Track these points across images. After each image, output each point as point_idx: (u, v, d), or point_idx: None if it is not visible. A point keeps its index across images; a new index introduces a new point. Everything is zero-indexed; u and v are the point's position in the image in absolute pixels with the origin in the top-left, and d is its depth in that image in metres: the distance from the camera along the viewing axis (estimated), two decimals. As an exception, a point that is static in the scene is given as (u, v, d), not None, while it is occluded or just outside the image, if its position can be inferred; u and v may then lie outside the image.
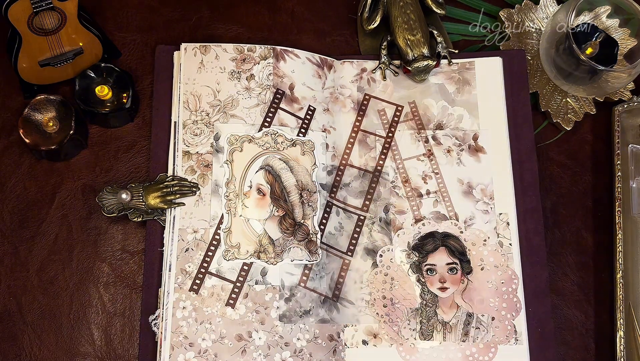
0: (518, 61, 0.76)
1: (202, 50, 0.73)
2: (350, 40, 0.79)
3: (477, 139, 0.73)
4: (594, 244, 0.74)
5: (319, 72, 0.74)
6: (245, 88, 0.72)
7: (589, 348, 0.71)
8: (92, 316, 0.69)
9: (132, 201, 0.68)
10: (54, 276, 0.70)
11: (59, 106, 0.72)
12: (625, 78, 0.74)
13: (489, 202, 0.71)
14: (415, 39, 0.74)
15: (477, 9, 0.80)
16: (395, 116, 0.74)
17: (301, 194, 0.70)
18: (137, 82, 0.76)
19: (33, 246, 0.71)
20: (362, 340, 0.67)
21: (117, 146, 0.74)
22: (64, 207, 0.72)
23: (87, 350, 0.68)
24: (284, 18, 0.79)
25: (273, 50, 0.74)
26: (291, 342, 0.66)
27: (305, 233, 0.69)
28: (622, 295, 0.70)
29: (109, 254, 0.71)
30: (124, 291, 0.70)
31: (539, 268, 0.70)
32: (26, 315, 0.69)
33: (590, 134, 0.77)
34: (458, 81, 0.75)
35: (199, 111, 0.71)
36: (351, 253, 0.70)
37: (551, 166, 0.76)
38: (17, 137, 0.72)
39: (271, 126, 0.71)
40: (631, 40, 0.77)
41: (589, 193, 0.75)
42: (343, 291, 0.69)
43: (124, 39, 0.77)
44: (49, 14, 0.68)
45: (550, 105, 0.77)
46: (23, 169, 0.73)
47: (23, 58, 0.70)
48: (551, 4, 0.80)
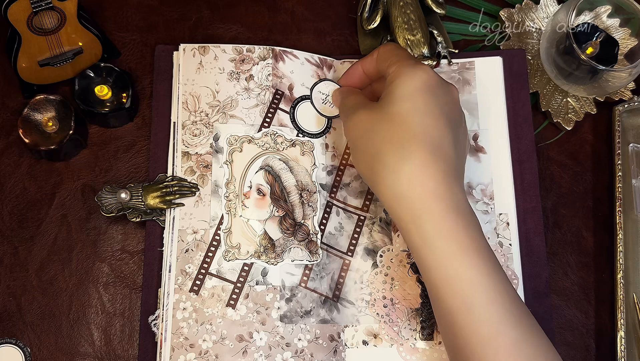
0: (518, 61, 0.76)
1: (200, 51, 0.73)
2: (351, 40, 0.79)
3: (477, 139, 0.73)
4: (595, 244, 0.74)
5: (318, 72, 0.74)
6: (244, 89, 0.72)
7: (589, 348, 0.71)
8: (92, 317, 0.69)
9: (131, 201, 0.68)
10: (53, 276, 0.70)
11: (59, 106, 0.71)
12: (626, 78, 0.74)
13: (488, 202, 0.71)
14: (415, 39, 0.74)
15: (477, 8, 0.80)
16: (395, 115, 0.74)
17: (301, 195, 0.70)
18: (136, 82, 0.76)
19: (32, 246, 0.71)
20: (362, 340, 0.67)
21: (117, 146, 0.74)
22: (64, 207, 0.72)
23: (86, 350, 0.68)
24: (284, 18, 0.79)
25: (272, 51, 0.73)
26: (292, 342, 0.66)
27: (306, 233, 0.69)
28: (622, 295, 0.70)
29: (108, 255, 0.71)
30: (124, 291, 0.70)
31: (539, 268, 0.70)
32: (25, 315, 0.69)
33: (591, 134, 0.77)
34: (458, 80, 0.75)
35: (198, 112, 0.71)
36: (351, 253, 0.70)
37: (551, 166, 0.76)
38: (17, 137, 0.72)
39: (270, 126, 0.71)
40: (632, 40, 0.77)
41: (590, 192, 0.75)
42: (343, 292, 0.69)
43: (124, 38, 0.77)
44: (48, 14, 0.68)
45: (551, 105, 0.76)
46: (22, 169, 0.73)
47: (22, 58, 0.70)
48: (551, 4, 0.80)
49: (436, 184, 0.56)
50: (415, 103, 0.59)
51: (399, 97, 0.59)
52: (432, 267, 0.56)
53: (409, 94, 0.59)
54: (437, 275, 0.56)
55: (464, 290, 0.55)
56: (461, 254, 0.55)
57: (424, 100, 0.59)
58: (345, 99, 0.67)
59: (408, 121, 0.58)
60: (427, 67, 0.61)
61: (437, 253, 0.56)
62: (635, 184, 0.73)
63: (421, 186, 0.56)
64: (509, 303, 0.55)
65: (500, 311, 0.54)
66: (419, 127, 0.58)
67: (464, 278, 0.55)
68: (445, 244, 0.55)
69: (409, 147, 0.57)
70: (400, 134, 0.58)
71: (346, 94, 0.67)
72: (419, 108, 0.59)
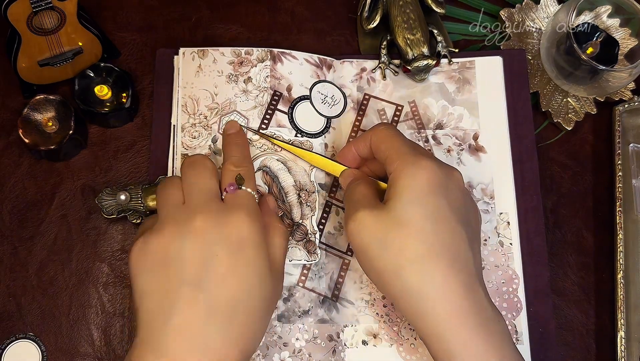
0: (519, 60, 0.76)
1: (200, 54, 0.73)
2: (351, 40, 0.79)
3: (477, 139, 0.73)
4: (595, 244, 0.74)
5: (317, 72, 0.74)
6: (242, 91, 0.72)
7: (589, 348, 0.70)
8: (92, 317, 0.69)
9: (131, 203, 0.68)
10: (53, 277, 0.70)
11: (59, 106, 0.72)
12: (626, 78, 0.74)
13: (489, 201, 0.71)
14: (415, 38, 0.74)
15: (477, 8, 0.80)
16: (395, 115, 0.74)
17: (299, 195, 0.70)
18: (136, 82, 0.76)
19: (32, 247, 0.71)
20: (361, 340, 0.67)
21: (117, 145, 0.74)
22: (64, 207, 0.72)
23: (86, 350, 0.68)
24: (284, 18, 0.79)
25: (270, 53, 0.73)
26: (290, 342, 0.66)
27: (304, 233, 0.69)
28: (622, 295, 0.70)
29: (108, 255, 0.71)
30: (124, 291, 0.70)
31: (540, 268, 0.70)
32: (25, 315, 0.69)
33: (591, 134, 0.77)
34: (458, 80, 0.75)
35: (197, 114, 0.71)
36: (351, 253, 0.70)
37: (552, 166, 0.76)
38: (17, 137, 0.72)
39: (269, 127, 0.71)
40: (632, 40, 0.77)
41: (590, 192, 0.75)
42: (342, 291, 0.69)
43: (124, 38, 0.77)
44: (48, 14, 0.68)
45: (551, 105, 0.76)
46: (22, 169, 0.73)
47: (22, 58, 0.70)
48: (552, 4, 0.79)
49: (460, 299, 0.55)
50: (424, 208, 0.56)
51: (408, 203, 0.57)
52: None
53: (416, 198, 0.57)
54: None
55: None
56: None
57: (433, 203, 0.57)
58: (352, 191, 0.63)
59: (421, 230, 0.56)
60: (428, 162, 0.58)
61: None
62: (636, 184, 0.73)
63: (445, 304, 0.55)
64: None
65: None
66: (434, 236, 0.56)
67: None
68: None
69: (428, 263, 0.55)
70: (416, 247, 0.56)
71: (353, 184, 0.64)
72: (430, 214, 0.56)
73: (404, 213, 0.56)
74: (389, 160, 0.60)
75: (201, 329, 0.54)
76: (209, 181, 0.61)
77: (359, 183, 0.64)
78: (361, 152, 0.66)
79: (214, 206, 0.59)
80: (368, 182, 0.64)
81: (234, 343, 0.55)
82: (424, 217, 0.56)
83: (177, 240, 0.56)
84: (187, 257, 0.56)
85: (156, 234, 0.57)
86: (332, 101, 0.74)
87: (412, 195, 0.57)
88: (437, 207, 0.57)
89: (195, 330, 0.54)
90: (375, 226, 0.57)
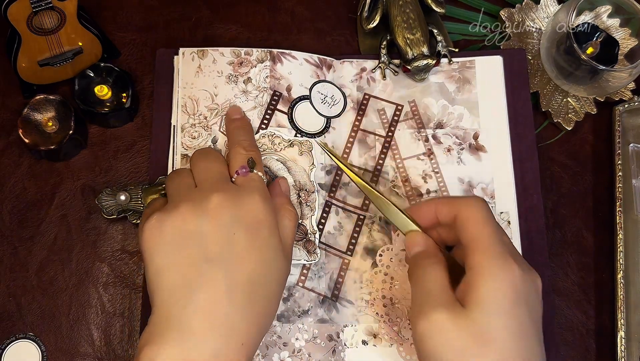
0: (519, 60, 0.76)
1: (199, 54, 0.73)
2: (351, 40, 0.79)
3: (477, 138, 0.73)
4: (595, 244, 0.74)
5: (317, 72, 0.74)
6: (242, 91, 0.72)
7: (589, 348, 0.70)
8: (92, 317, 0.69)
9: (131, 203, 0.68)
10: (53, 277, 0.70)
11: (59, 106, 0.72)
12: (626, 78, 0.74)
13: (489, 201, 0.71)
14: (415, 38, 0.74)
15: (477, 8, 0.80)
16: (395, 115, 0.74)
17: (299, 194, 0.70)
18: (136, 82, 0.76)
19: (32, 247, 0.71)
20: (361, 340, 0.67)
21: (117, 145, 0.74)
22: (64, 207, 0.72)
23: (86, 350, 0.68)
24: (284, 18, 0.79)
25: (269, 54, 0.73)
26: (289, 342, 0.66)
27: (304, 233, 0.69)
28: (622, 295, 0.70)
29: (108, 255, 0.71)
30: (124, 291, 0.70)
31: (541, 268, 0.69)
32: (25, 315, 0.69)
33: (591, 134, 0.77)
34: (458, 79, 0.75)
35: (197, 115, 0.71)
36: (351, 253, 0.70)
37: (552, 166, 0.76)
38: (17, 137, 0.72)
39: (268, 127, 0.71)
40: (632, 40, 0.77)
41: (590, 192, 0.75)
42: (342, 291, 0.69)
43: (124, 38, 0.77)
44: (48, 14, 0.68)
45: (551, 105, 0.76)
46: (22, 169, 0.73)
47: (22, 58, 0.70)
48: (552, 4, 0.79)
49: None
50: (508, 321, 0.52)
51: (493, 314, 0.52)
52: None
53: (502, 309, 0.52)
54: None
55: None
56: None
57: (517, 316, 0.53)
58: (425, 274, 0.57)
59: (502, 348, 0.52)
60: (515, 266, 0.54)
61: None
62: (636, 184, 0.73)
63: None
64: None
65: None
66: (515, 352, 0.52)
67: None
68: None
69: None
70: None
71: (426, 264, 0.58)
72: (514, 330, 0.52)
73: (489, 327, 0.52)
74: (472, 247, 0.55)
75: (225, 307, 0.54)
76: (220, 165, 0.63)
77: (433, 264, 0.58)
78: (442, 217, 0.60)
79: (227, 187, 0.60)
80: (442, 265, 0.58)
81: (254, 321, 0.55)
82: (507, 332, 0.52)
83: (194, 218, 0.57)
84: (206, 234, 0.56)
85: (172, 212, 0.57)
86: (332, 101, 0.74)
87: (497, 306, 0.53)
88: (520, 322, 0.53)
89: (219, 308, 0.54)
90: (453, 333, 0.52)
